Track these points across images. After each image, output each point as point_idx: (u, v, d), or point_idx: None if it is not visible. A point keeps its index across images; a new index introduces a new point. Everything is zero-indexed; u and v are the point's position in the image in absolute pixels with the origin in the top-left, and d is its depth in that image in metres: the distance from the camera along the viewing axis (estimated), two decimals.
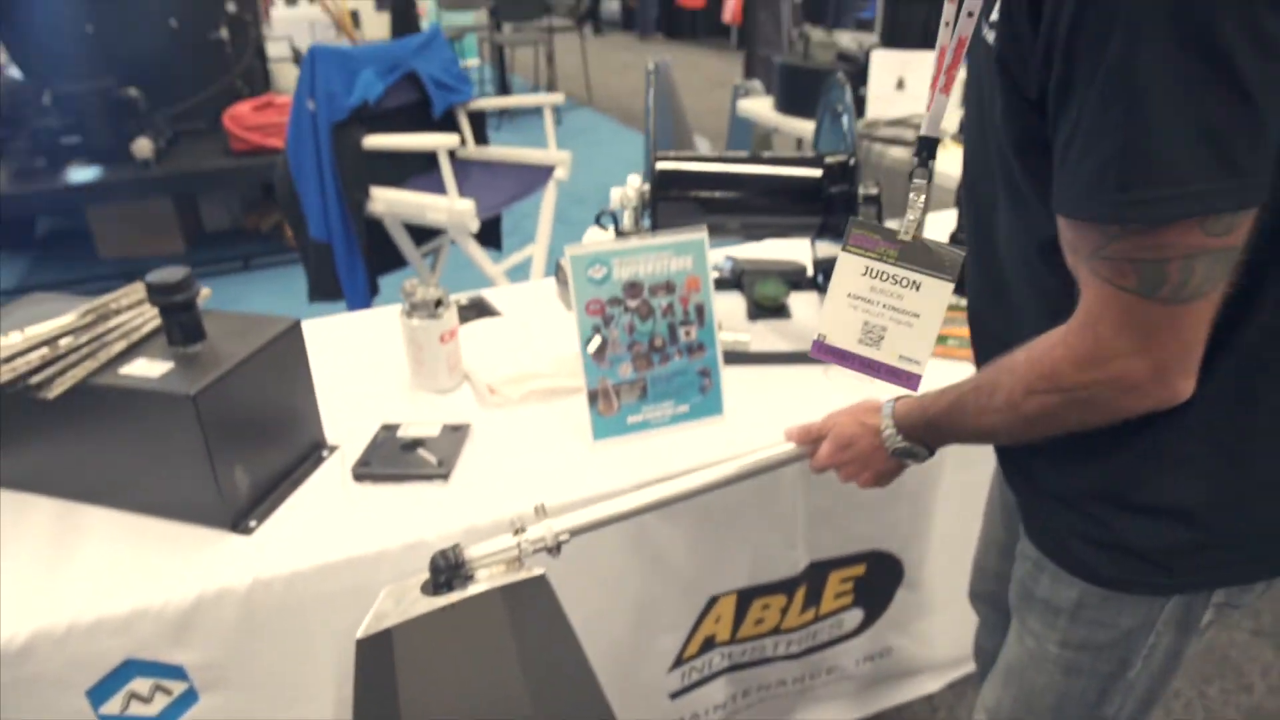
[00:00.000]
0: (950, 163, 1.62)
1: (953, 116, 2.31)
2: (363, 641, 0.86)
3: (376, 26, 8.26)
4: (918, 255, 0.82)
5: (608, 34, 13.83)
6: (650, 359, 1.22)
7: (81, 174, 3.72)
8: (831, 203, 1.43)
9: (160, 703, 1.02)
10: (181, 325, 1.07)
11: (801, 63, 3.32)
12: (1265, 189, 0.61)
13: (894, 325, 0.84)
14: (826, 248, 1.57)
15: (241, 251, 4.15)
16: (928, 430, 0.92)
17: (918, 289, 0.82)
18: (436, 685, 0.84)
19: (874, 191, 1.46)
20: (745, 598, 1.36)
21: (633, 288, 1.19)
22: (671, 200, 1.39)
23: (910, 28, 8.13)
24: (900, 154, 2.48)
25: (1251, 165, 0.60)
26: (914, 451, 0.95)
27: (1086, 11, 0.60)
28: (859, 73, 3.06)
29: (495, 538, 0.91)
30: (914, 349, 0.84)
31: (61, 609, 0.95)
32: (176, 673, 1.01)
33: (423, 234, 2.64)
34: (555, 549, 0.93)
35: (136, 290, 1.14)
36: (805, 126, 3.16)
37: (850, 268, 0.84)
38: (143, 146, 3.62)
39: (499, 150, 2.82)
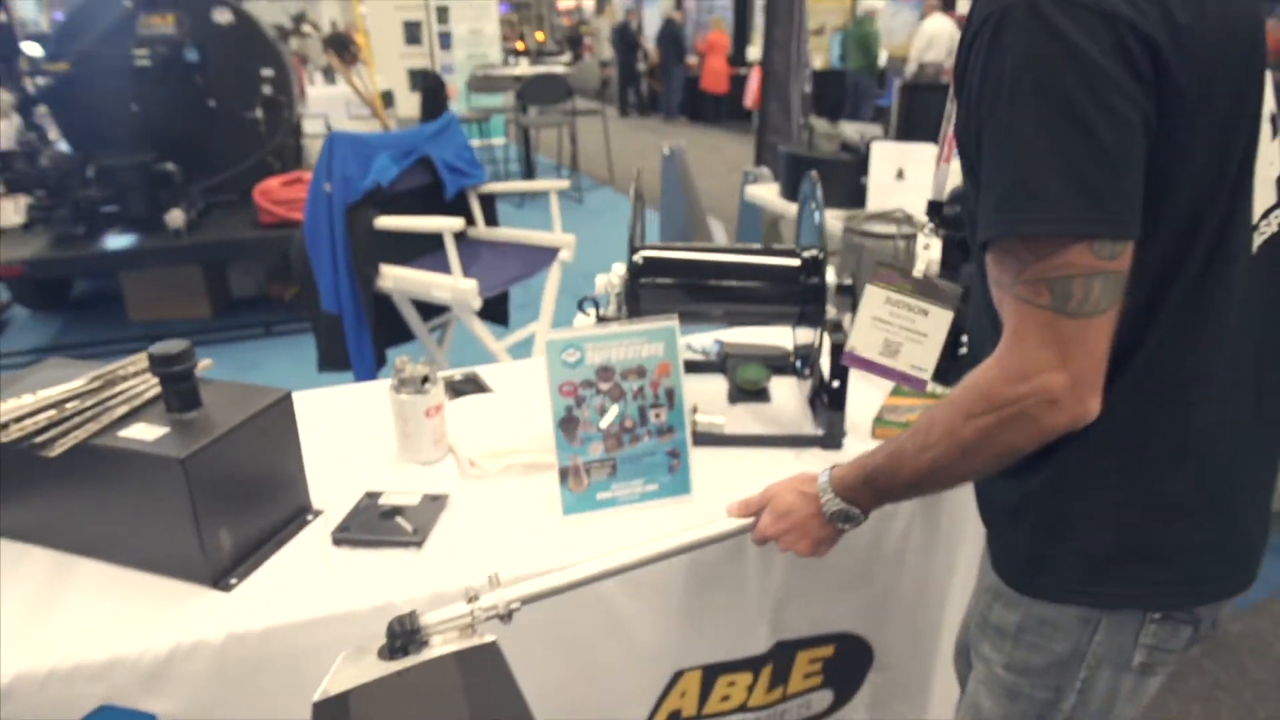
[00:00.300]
0: None
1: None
2: (319, 704, 0.90)
3: (410, 106, 8.64)
4: (926, 289, 1.10)
5: (633, 117, 14.26)
6: (620, 439, 1.28)
7: (117, 241, 3.91)
8: (807, 293, 1.51)
9: None
10: (179, 393, 1.15)
11: (806, 152, 3.45)
12: (1132, 226, 0.77)
13: (908, 342, 1.13)
14: (806, 334, 1.65)
15: (264, 318, 4.30)
16: (865, 486, 1.00)
17: (926, 315, 1.11)
18: None
19: (848, 282, 1.54)
20: (711, 674, 1.38)
21: (604, 371, 1.26)
22: (647, 289, 1.48)
23: (926, 116, 8.35)
24: (874, 245, 2.58)
25: (1114, 205, 0.76)
26: (850, 514, 1.02)
27: (985, 89, 0.79)
28: (861, 163, 3.19)
29: (450, 605, 0.96)
30: (923, 360, 1.12)
31: (44, 654, 1.01)
32: None
33: (432, 309, 2.75)
34: (506, 616, 0.98)
35: (142, 359, 1.23)
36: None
37: (875, 297, 1.13)
38: (175, 217, 3.80)
39: (507, 231, 2.95)
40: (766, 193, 3.70)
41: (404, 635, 0.93)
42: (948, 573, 1.51)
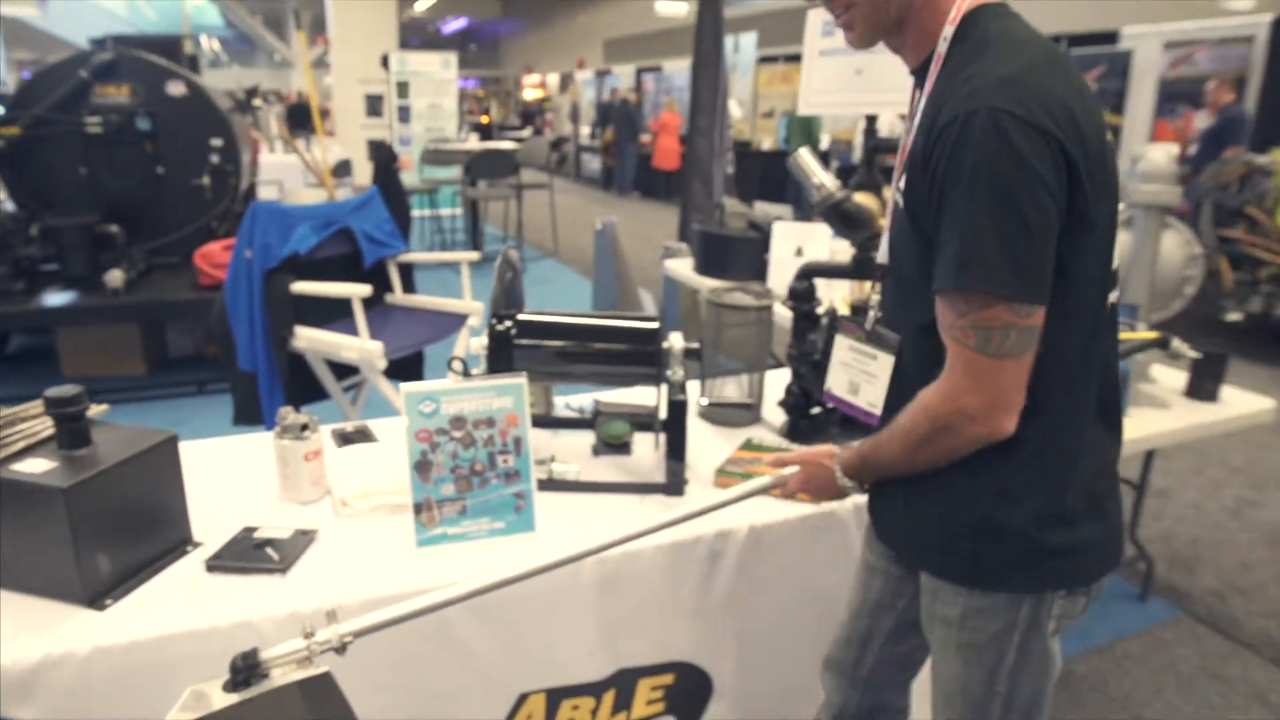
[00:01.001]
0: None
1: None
2: None
3: (366, 175, 8.88)
4: (874, 338, 1.27)
5: (587, 190, 14.66)
6: (470, 481, 1.45)
7: (55, 298, 4.02)
8: (655, 356, 1.71)
9: None
10: (69, 432, 1.30)
11: (716, 230, 3.71)
12: (1043, 295, 1.01)
13: (864, 382, 1.29)
14: (664, 394, 1.83)
15: (198, 377, 4.40)
16: (862, 467, 1.25)
17: (875, 359, 1.27)
18: None
19: (695, 346, 1.74)
20: (554, 697, 1.53)
21: (457, 421, 1.43)
22: (521, 350, 1.66)
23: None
24: (733, 315, 2.77)
25: (1032, 277, 1.00)
26: (853, 486, 1.28)
27: (949, 173, 1.00)
28: (764, 240, 3.45)
29: (288, 641, 1.09)
30: (874, 398, 1.27)
31: None
32: None
33: (349, 369, 2.91)
34: (341, 649, 1.11)
35: (39, 404, 1.38)
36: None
37: (841, 344, 1.33)
38: (114, 277, 3.93)
39: (421, 299, 3.14)
40: (682, 267, 3.94)
41: (245, 669, 1.04)
42: (791, 604, 1.67)
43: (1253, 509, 3.54)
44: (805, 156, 1.57)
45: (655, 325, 1.73)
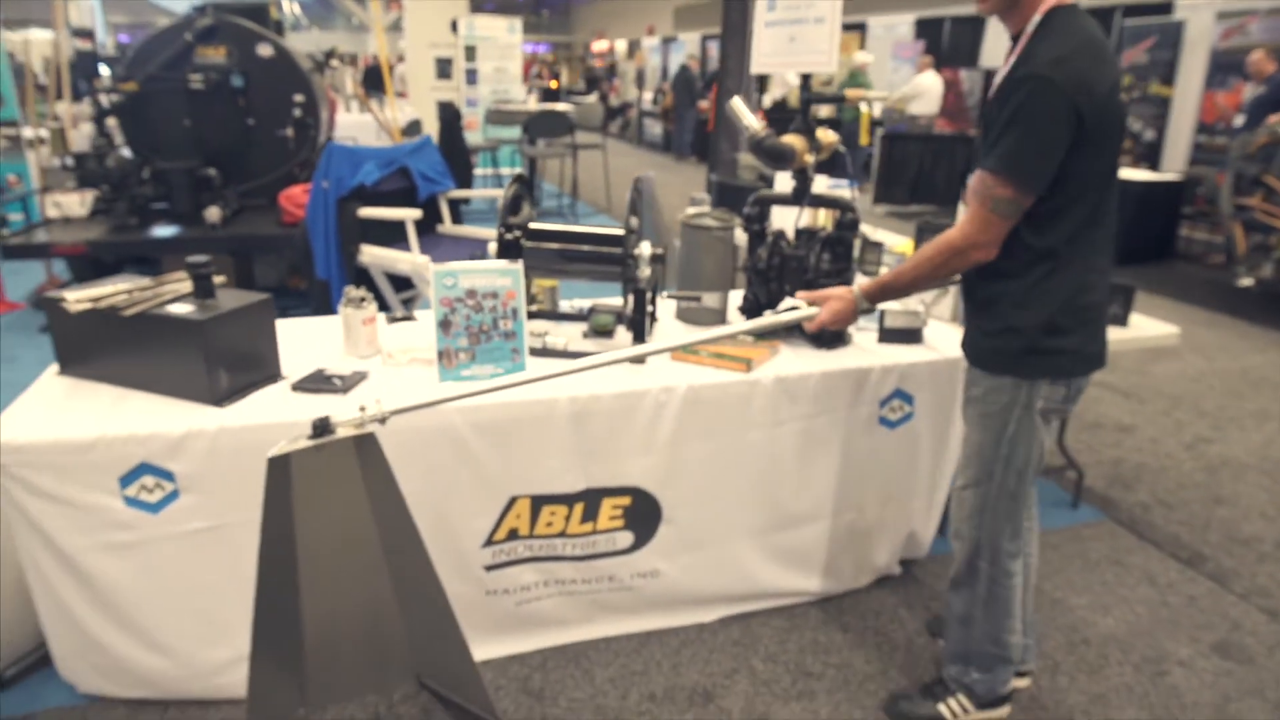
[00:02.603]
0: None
1: None
2: (273, 459, 1.58)
3: (435, 133, 9.50)
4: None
5: (648, 154, 15.07)
6: (479, 337, 1.99)
7: (163, 231, 4.69)
8: (626, 259, 2.22)
9: (158, 494, 1.78)
10: (202, 287, 1.88)
11: (730, 179, 4.18)
12: (1039, 188, 1.60)
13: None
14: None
15: (281, 304, 5.04)
16: (881, 290, 1.83)
17: None
18: (316, 496, 1.57)
19: (660, 252, 2.24)
20: (537, 503, 2.07)
21: (470, 293, 1.97)
22: (529, 251, 2.20)
23: (904, 163, 9.15)
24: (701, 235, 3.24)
25: (1037, 178, 1.60)
26: (868, 309, 1.89)
27: (1007, 108, 1.59)
28: (770, 185, 3.92)
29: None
30: None
31: (103, 428, 1.73)
32: (169, 476, 1.77)
33: (405, 284, 3.49)
34: (382, 420, 1.66)
35: (183, 273, 1.96)
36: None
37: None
38: (213, 213, 4.59)
39: (465, 228, 3.71)
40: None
41: (321, 425, 1.61)
42: (725, 452, 2.17)
43: (1206, 444, 3.88)
44: (736, 104, 2.05)
45: (623, 233, 2.24)
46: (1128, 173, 7.50)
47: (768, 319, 1.85)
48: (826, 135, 2.39)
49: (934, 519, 2.60)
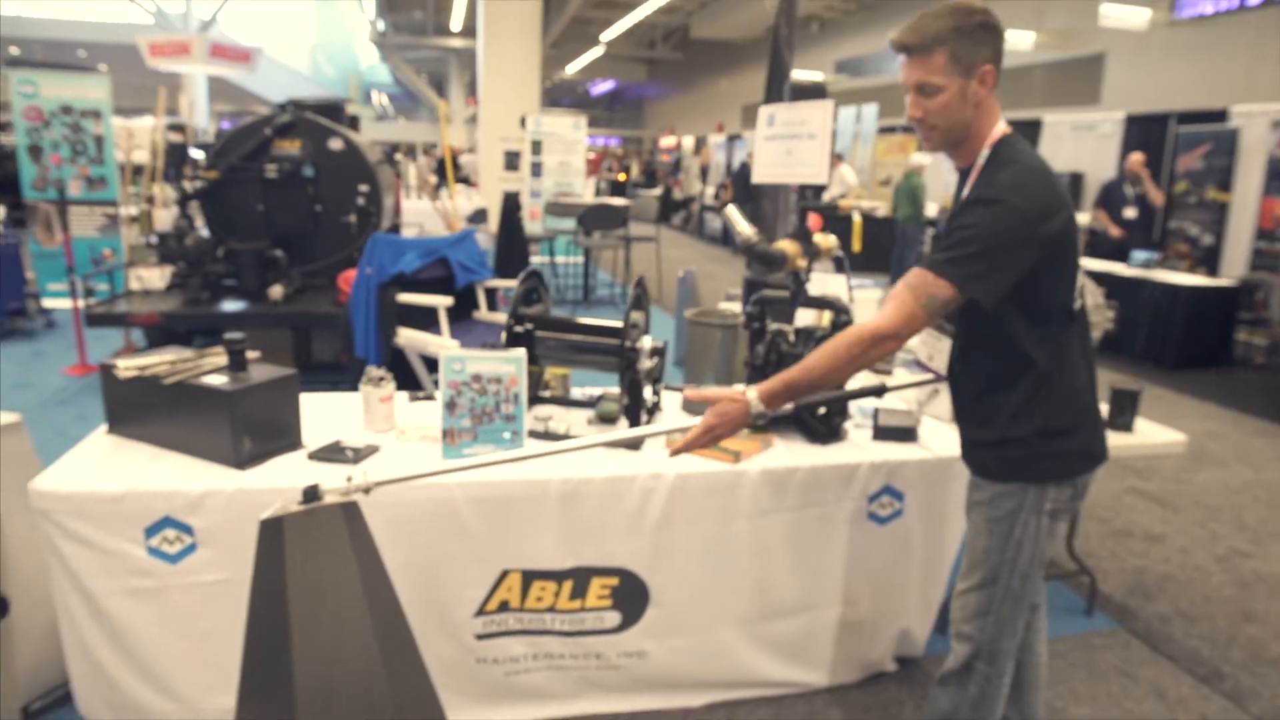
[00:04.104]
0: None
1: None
2: (265, 521, 1.72)
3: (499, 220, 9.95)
4: (940, 329, 1.92)
5: (708, 247, 15.39)
6: (482, 419, 2.15)
7: (231, 305, 5.05)
8: (626, 352, 2.37)
9: (178, 546, 1.95)
10: (235, 360, 2.09)
11: (760, 277, 4.34)
12: (974, 293, 1.63)
13: (936, 353, 2.20)
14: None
15: (333, 379, 5.34)
16: (785, 391, 1.72)
17: (940, 340, 1.94)
18: (308, 560, 1.72)
19: (660, 345, 2.39)
20: (528, 577, 2.18)
21: (476, 377, 2.14)
22: (539, 341, 2.37)
23: None
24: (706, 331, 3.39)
25: (977, 284, 1.62)
26: (765, 414, 1.74)
27: (967, 217, 1.65)
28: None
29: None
30: (940, 363, 1.95)
31: (144, 482, 1.92)
32: (189, 530, 1.95)
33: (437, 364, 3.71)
34: (366, 490, 1.80)
35: (220, 348, 2.18)
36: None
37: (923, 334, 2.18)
38: (275, 291, 4.93)
39: (499, 315, 3.92)
40: (735, 308, 4.58)
41: (310, 492, 1.76)
42: (711, 539, 2.26)
43: (1242, 558, 3.77)
44: (731, 211, 2.22)
45: (621, 326, 2.39)
46: (1182, 278, 7.44)
47: (644, 429, 1.94)
48: (826, 240, 2.54)
49: (930, 617, 2.62)
